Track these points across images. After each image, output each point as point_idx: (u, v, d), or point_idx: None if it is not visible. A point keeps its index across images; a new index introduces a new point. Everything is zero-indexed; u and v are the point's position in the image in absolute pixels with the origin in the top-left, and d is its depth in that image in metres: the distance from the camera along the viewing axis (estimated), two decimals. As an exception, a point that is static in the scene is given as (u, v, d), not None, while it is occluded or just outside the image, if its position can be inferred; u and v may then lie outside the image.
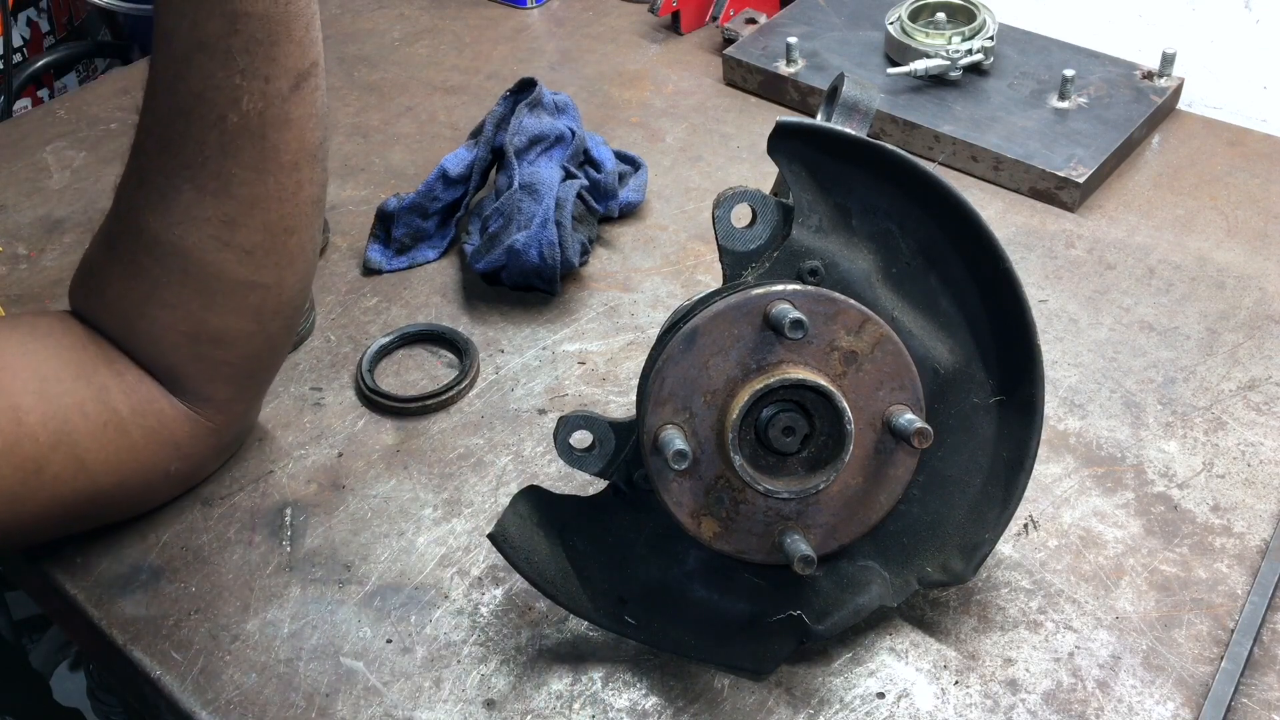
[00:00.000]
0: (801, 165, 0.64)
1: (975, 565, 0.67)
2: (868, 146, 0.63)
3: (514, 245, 0.90)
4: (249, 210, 0.69)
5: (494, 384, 0.88)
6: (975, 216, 0.64)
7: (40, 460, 0.68)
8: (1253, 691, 0.66)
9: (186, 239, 0.69)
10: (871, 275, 0.64)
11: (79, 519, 0.74)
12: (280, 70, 0.66)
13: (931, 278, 0.66)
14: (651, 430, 0.61)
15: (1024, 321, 0.65)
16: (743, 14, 1.23)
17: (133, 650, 0.72)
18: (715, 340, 0.60)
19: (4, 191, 1.10)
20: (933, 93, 1.09)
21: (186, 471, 0.78)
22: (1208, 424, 0.82)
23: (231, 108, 0.66)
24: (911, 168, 0.63)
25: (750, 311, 0.60)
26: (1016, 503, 0.67)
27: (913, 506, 0.67)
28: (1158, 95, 1.07)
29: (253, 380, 0.78)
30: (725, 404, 0.61)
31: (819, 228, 0.64)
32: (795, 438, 0.61)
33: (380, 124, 1.17)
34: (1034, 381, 0.65)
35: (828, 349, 0.61)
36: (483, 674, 0.69)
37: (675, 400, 0.61)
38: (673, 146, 1.11)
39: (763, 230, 0.64)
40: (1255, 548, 0.74)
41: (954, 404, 0.67)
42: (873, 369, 0.61)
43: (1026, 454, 0.66)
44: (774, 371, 0.60)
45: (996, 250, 0.64)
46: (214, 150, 0.67)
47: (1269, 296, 0.91)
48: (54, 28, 1.57)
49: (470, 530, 0.77)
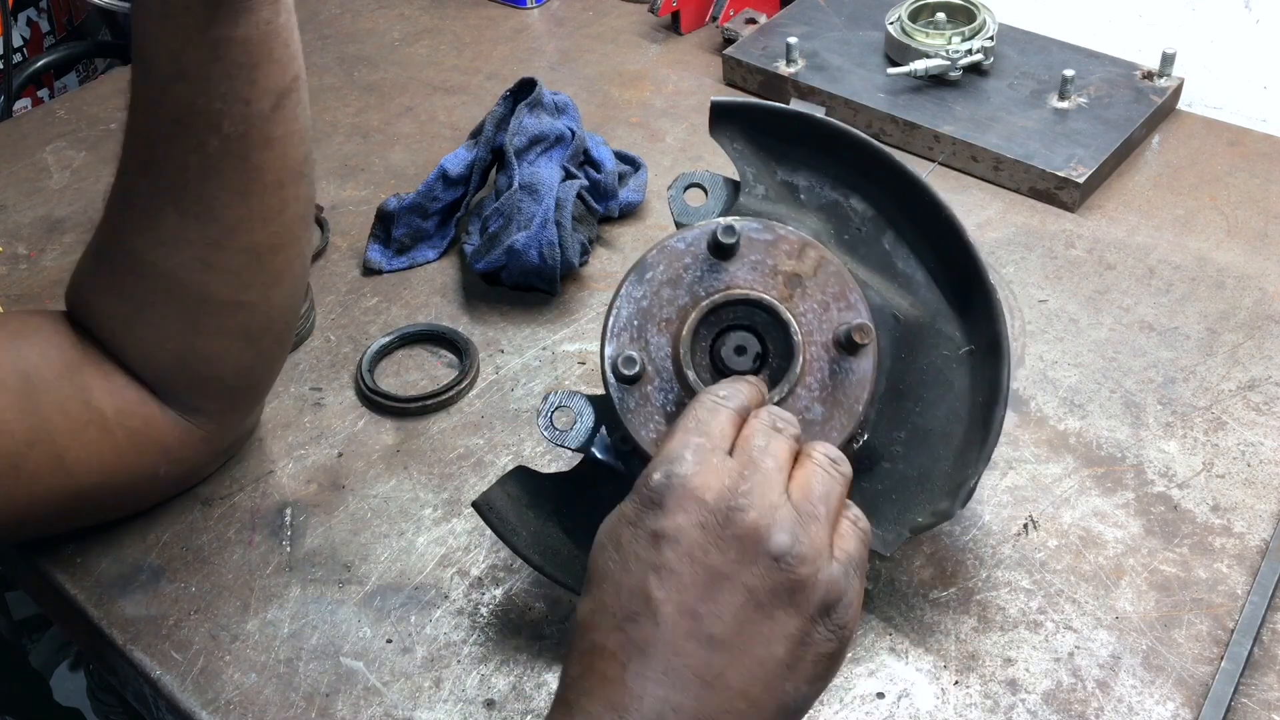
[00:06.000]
0: (744, 142, 0.68)
1: (962, 500, 0.67)
2: (804, 118, 0.68)
3: (514, 245, 0.90)
4: (232, 232, 0.68)
5: (494, 384, 0.88)
6: (915, 177, 0.67)
7: (16, 457, 0.68)
8: (1253, 691, 0.66)
9: (170, 261, 0.68)
10: (823, 238, 0.67)
11: (63, 517, 0.74)
12: (260, 92, 0.65)
13: (884, 241, 0.69)
14: (611, 360, 0.63)
15: (973, 264, 0.67)
16: (743, 14, 1.23)
17: (133, 650, 0.72)
18: (664, 271, 0.64)
19: (4, 191, 1.10)
20: (933, 93, 1.09)
21: (179, 474, 0.78)
22: (1208, 424, 0.82)
23: (212, 132, 0.64)
24: (850, 138, 0.67)
25: (695, 242, 0.63)
26: (996, 438, 0.67)
27: (898, 464, 0.68)
28: (1158, 95, 1.07)
29: (247, 393, 0.78)
30: (678, 330, 0.63)
31: (766, 196, 0.68)
32: (747, 356, 0.63)
33: (380, 124, 1.17)
34: (994, 321, 0.67)
35: (771, 273, 0.63)
36: (483, 674, 0.69)
37: (630, 330, 0.64)
38: (673, 146, 1.11)
39: (714, 206, 0.68)
40: (1255, 548, 0.74)
41: (925, 358, 0.68)
42: (817, 290, 0.63)
43: (999, 390, 0.67)
44: (721, 294, 0.63)
45: (936, 201, 0.67)
46: (195, 174, 0.66)
47: (1269, 296, 0.91)
48: (54, 28, 1.57)
49: (470, 530, 0.77)
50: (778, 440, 0.55)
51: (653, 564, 0.50)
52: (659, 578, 0.50)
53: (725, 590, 0.50)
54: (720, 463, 0.53)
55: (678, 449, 0.53)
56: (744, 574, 0.50)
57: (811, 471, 0.54)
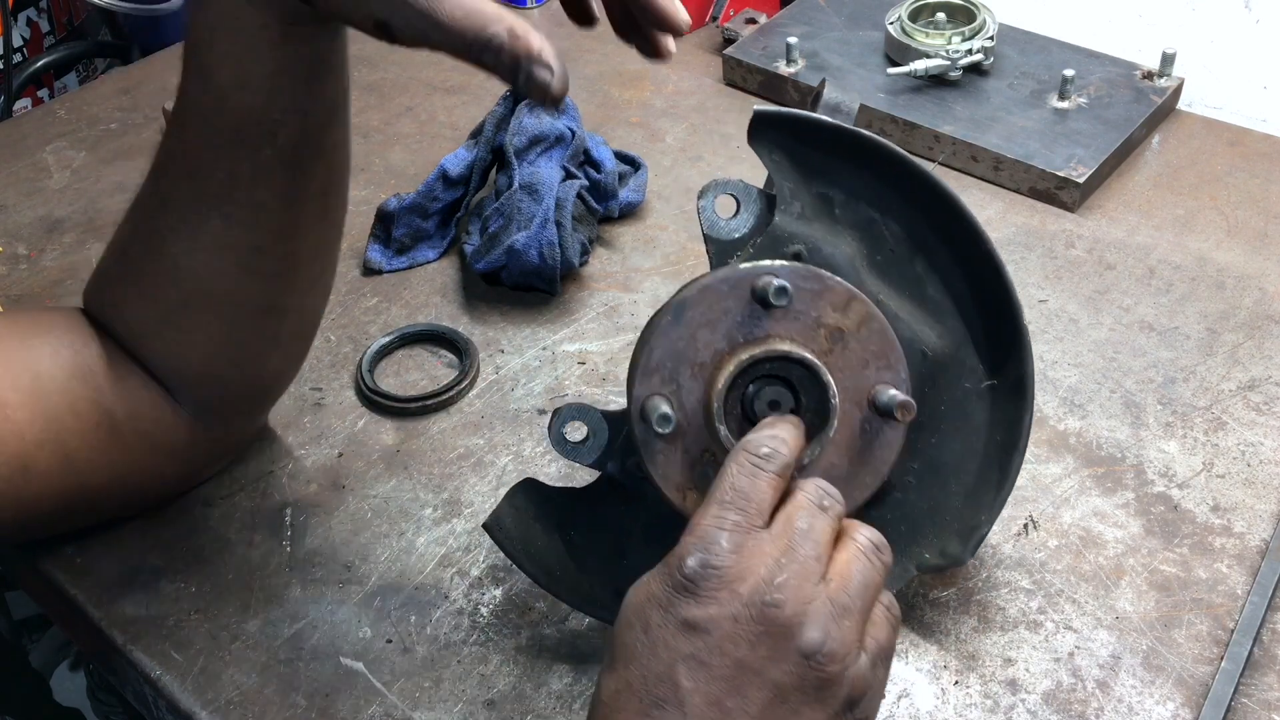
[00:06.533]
0: (782, 154, 0.64)
1: (973, 548, 0.67)
2: (846, 133, 0.64)
3: (514, 245, 0.90)
4: (277, 238, 0.68)
5: (494, 384, 0.88)
6: (956, 201, 0.64)
7: (26, 458, 0.67)
8: (1253, 691, 0.66)
9: (210, 266, 0.67)
10: (856, 261, 0.65)
11: (68, 517, 0.74)
12: (319, 103, 0.64)
13: (917, 264, 0.66)
14: (639, 400, 0.61)
15: (1009, 302, 0.65)
16: (743, 14, 1.23)
17: (133, 650, 0.72)
18: (703, 313, 0.61)
19: (4, 191, 1.10)
20: (933, 93, 1.09)
21: (184, 475, 0.78)
22: (1208, 424, 0.82)
23: (268, 142, 0.63)
24: (891, 154, 0.64)
25: (738, 285, 0.60)
26: (1011, 484, 0.67)
27: (909, 494, 0.68)
28: (1158, 95, 1.07)
29: (264, 396, 0.79)
30: (712, 376, 0.61)
31: (802, 215, 0.65)
32: (780, 412, 0.61)
33: (380, 124, 1.17)
34: (1023, 361, 0.66)
35: (814, 325, 0.61)
36: (483, 674, 0.69)
37: (662, 371, 0.61)
38: (673, 146, 1.11)
39: (747, 219, 0.65)
40: (1255, 548, 0.74)
41: (946, 390, 0.67)
42: (859, 347, 0.62)
43: (1019, 435, 0.67)
44: (760, 344, 0.60)
45: (978, 232, 0.65)
46: (245, 182, 0.64)
47: (1269, 296, 0.91)
48: (54, 28, 1.57)
49: (470, 530, 0.77)
50: (821, 521, 0.53)
51: (682, 653, 0.50)
52: (688, 667, 0.49)
53: (753, 685, 0.49)
54: (757, 546, 0.51)
55: (713, 529, 0.51)
56: (773, 670, 0.49)
57: (852, 558, 0.53)
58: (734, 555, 0.50)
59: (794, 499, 0.54)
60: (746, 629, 0.49)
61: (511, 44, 0.50)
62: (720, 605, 0.50)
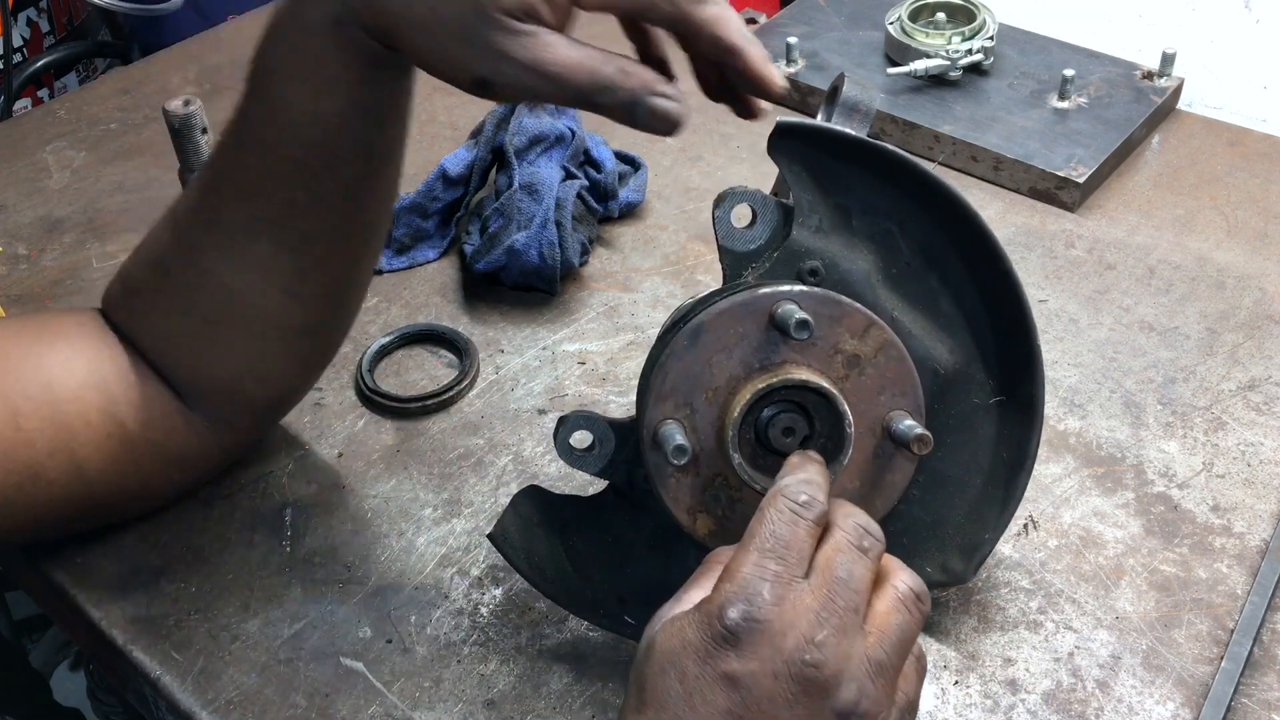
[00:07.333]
0: (802, 165, 0.63)
1: (975, 565, 0.67)
2: (868, 147, 0.63)
3: (514, 245, 0.90)
4: (323, 264, 0.68)
5: (494, 384, 0.88)
6: (975, 217, 0.64)
7: (36, 466, 0.67)
8: (1253, 691, 0.66)
9: (254, 287, 0.67)
10: (871, 275, 0.64)
11: (74, 521, 0.74)
12: (383, 139, 0.64)
13: (932, 278, 0.66)
14: (652, 425, 0.61)
15: (1024, 321, 0.65)
16: (743, 14, 1.23)
17: (133, 650, 0.72)
18: (719, 337, 0.60)
19: (4, 191, 1.10)
20: (933, 93, 1.09)
21: (191, 480, 0.78)
22: (1208, 424, 0.82)
23: (330, 174, 0.63)
24: (912, 168, 0.63)
25: (756, 310, 0.60)
26: (1016, 503, 0.67)
27: (913, 507, 0.67)
28: (1158, 95, 1.07)
29: (281, 409, 0.79)
30: (726, 402, 0.60)
31: (819, 228, 0.64)
32: (795, 438, 0.61)
33: (380, 124, 1.17)
34: (1034, 381, 0.65)
35: (832, 352, 0.60)
36: (483, 674, 0.69)
37: (677, 395, 0.61)
38: (673, 146, 1.11)
39: (763, 230, 0.63)
40: (1255, 548, 0.74)
41: (954, 404, 0.67)
42: (875, 374, 0.61)
43: (1026, 454, 0.66)
44: (777, 371, 0.60)
45: (997, 251, 0.64)
46: (301, 210, 0.65)
47: (1269, 296, 0.91)
48: (54, 28, 1.57)
49: (470, 530, 0.77)
50: (860, 567, 0.52)
51: (720, 707, 0.49)
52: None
53: None
54: (798, 598, 0.51)
55: (756, 579, 0.50)
56: None
57: (892, 609, 0.53)
58: (776, 608, 0.50)
59: (833, 538, 0.53)
60: (785, 687, 0.49)
61: (626, 82, 0.50)
62: (761, 661, 0.49)
